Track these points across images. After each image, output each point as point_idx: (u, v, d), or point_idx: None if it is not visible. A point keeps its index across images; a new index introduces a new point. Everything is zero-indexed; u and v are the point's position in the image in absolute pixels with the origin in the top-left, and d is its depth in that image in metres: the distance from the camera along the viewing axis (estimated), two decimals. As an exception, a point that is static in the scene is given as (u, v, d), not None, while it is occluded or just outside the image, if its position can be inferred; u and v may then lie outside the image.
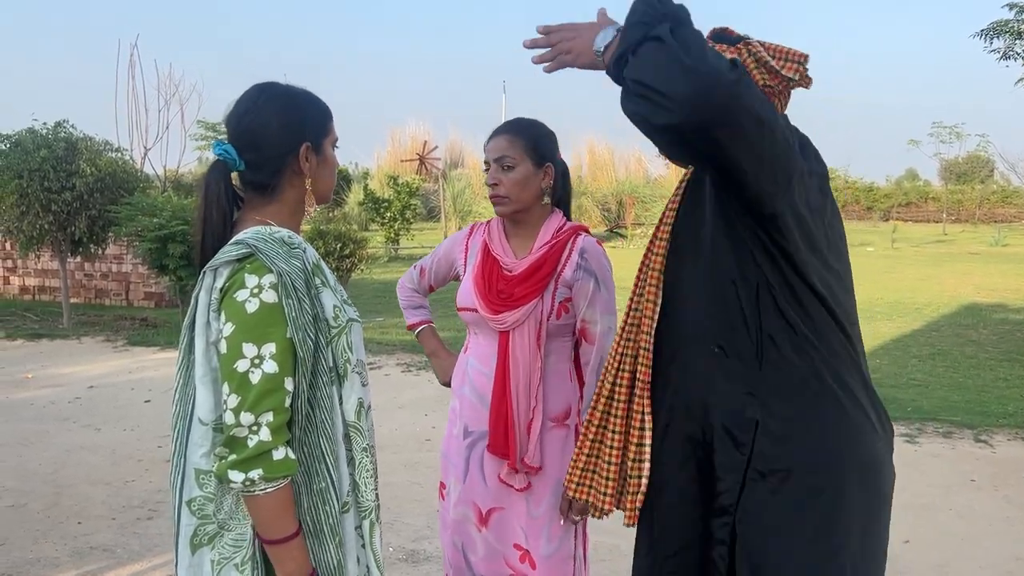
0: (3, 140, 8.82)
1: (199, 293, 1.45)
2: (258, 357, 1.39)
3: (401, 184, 18.96)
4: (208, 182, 1.55)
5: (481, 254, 2.25)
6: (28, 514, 3.92)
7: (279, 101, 1.56)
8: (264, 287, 1.41)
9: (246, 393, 1.38)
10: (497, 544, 2.21)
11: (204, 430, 1.43)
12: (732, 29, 1.70)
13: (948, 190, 34.10)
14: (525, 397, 2.13)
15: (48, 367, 7.31)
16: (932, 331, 9.31)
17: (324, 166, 1.60)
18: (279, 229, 1.50)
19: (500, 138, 2.21)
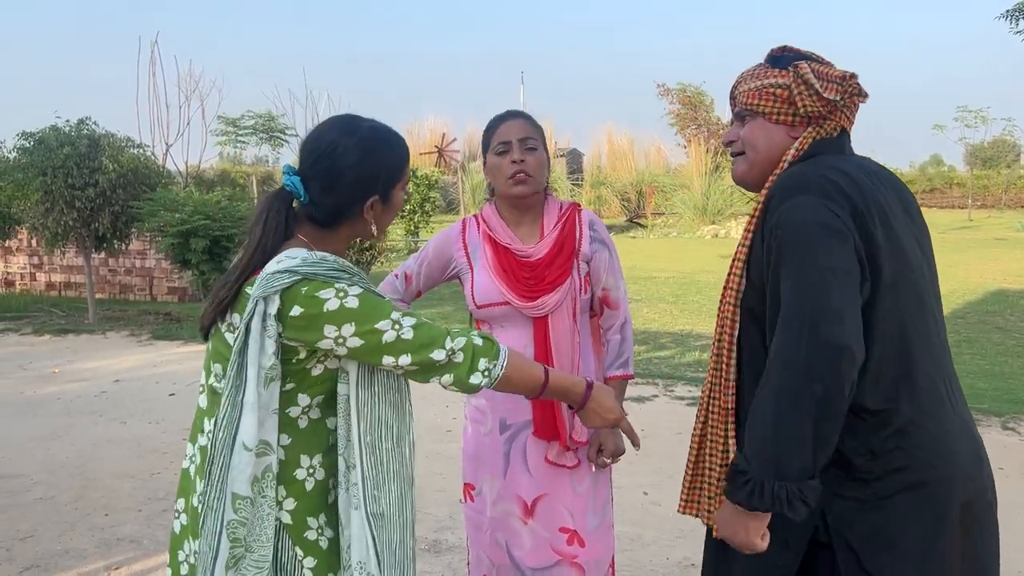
0: (27, 138, 8.92)
1: (250, 320, 1.43)
2: (395, 323, 1.46)
3: (420, 177, 19.00)
4: (268, 207, 1.57)
5: (490, 247, 2.23)
6: (56, 506, 3.98)
7: (358, 150, 1.55)
8: (346, 288, 1.45)
9: (412, 346, 1.46)
10: (544, 532, 2.21)
11: (247, 456, 1.43)
12: (791, 47, 1.74)
13: (973, 175, 33.62)
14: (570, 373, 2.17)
15: (74, 362, 7.41)
16: (958, 318, 9.19)
17: (388, 212, 1.61)
18: (324, 254, 1.50)
19: (519, 120, 2.23)
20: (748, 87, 1.72)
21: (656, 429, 5.16)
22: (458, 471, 2.50)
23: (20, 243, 12.24)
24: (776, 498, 1.41)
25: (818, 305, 1.43)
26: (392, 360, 1.47)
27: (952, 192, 35.07)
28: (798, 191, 1.54)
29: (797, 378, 1.40)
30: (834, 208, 1.50)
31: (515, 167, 2.17)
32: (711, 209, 23.49)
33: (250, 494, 1.43)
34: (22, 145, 8.91)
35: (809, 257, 1.47)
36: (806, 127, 1.67)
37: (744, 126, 1.74)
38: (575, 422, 2.17)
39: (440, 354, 1.49)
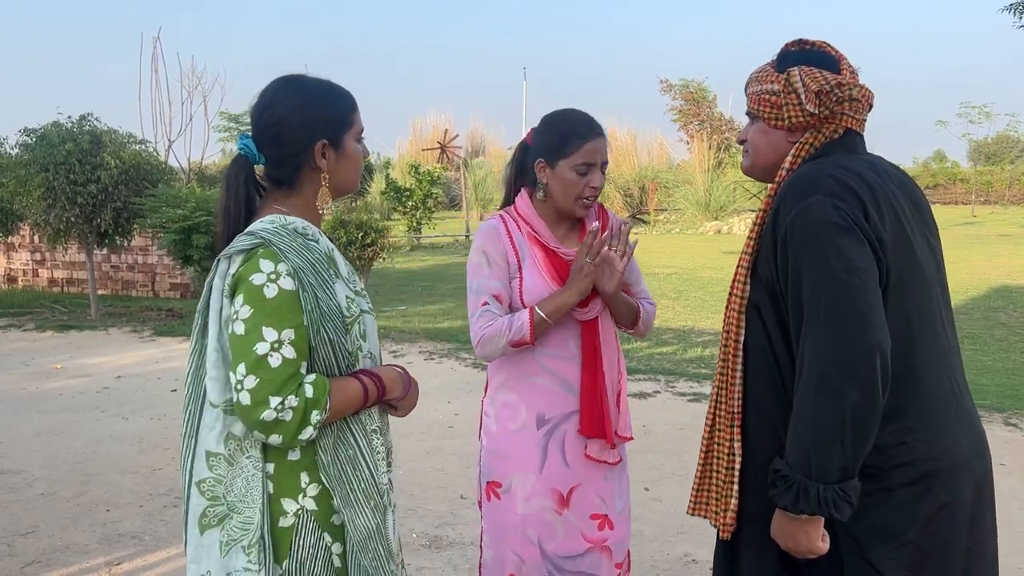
0: (29, 134, 8.92)
1: (213, 279, 1.48)
2: (278, 342, 1.41)
3: (423, 173, 18.98)
4: (228, 175, 1.59)
5: (539, 249, 2.22)
6: (58, 502, 3.98)
7: (297, 96, 1.55)
8: (281, 274, 1.43)
9: (267, 375, 1.39)
10: (577, 521, 2.23)
11: (215, 412, 1.46)
12: (807, 42, 1.74)
13: (977, 171, 33.54)
14: (612, 375, 2.22)
15: (76, 358, 7.42)
16: (961, 314, 9.17)
17: (344, 160, 1.59)
18: (294, 219, 1.52)
19: (604, 140, 2.21)
20: (752, 91, 1.74)
21: (657, 425, 5.16)
22: (459, 468, 2.49)
23: (23, 239, 12.25)
24: (822, 500, 1.44)
25: (845, 307, 1.45)
26: (241, 374, 1.40)
27: (955, 188, 35.02)
28: (809, 192, 1.55)
29: (832, 382, 1.42)
30: (846, 208, 1.51)
31: (594, 192, 2.17)
32: (714, 205, 23.46)
33: (223, 450, 1.45)
34: (24, 141, 8.91)
35: (828, 259, 1.48)
36: (803, 132, 1.68)
37: (752, 125, 1.77)
38: (619, 418, 2.23)
39: (274, 402, 1.39)
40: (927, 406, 1.56)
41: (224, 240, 1.56)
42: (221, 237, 1.57)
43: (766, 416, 1.66)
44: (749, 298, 1.68)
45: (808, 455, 1.44)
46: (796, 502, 1.45)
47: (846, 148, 1.67)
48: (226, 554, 1.43)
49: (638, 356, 7.15)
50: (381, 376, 1.59)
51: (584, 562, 2.24)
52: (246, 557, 1.43)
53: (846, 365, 1.42)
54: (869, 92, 1.68)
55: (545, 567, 2.25)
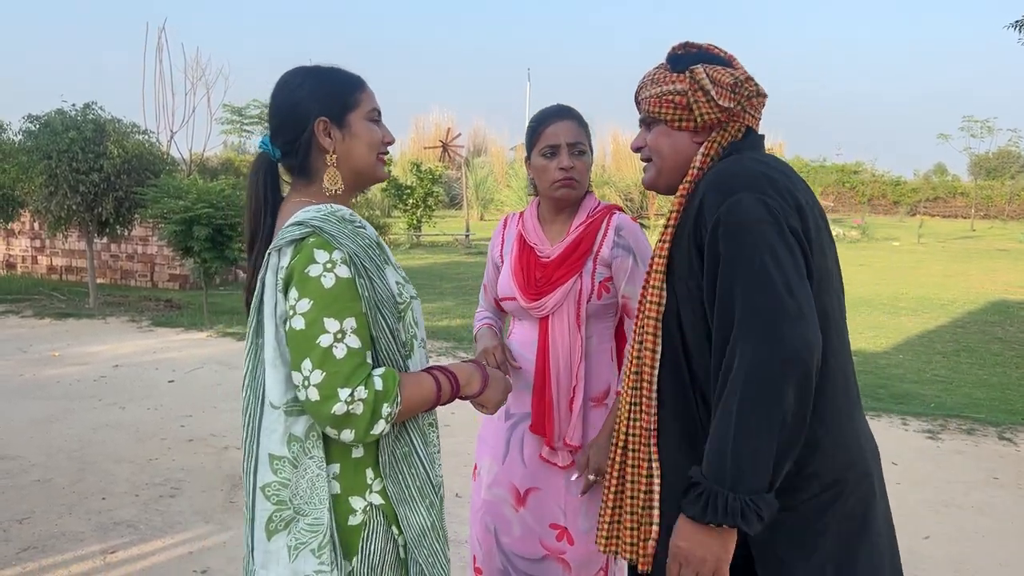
0: (33, 121, 8.93)
1: (265, 275, 1.43)
2: (340, 332, 1.37)
3: (424, 171, 18.99)
4: (250, 174, 1.58)
5: (517, 244, 2.27)
6: (54, 489, 3.99)
7: (297, 80, 1.54)
8: (336, 262, 1.39)
9: (334, 368, 1.35)
10: (534, 524, 2.22)
11: (276, 414, 1.41)
12: (692, 44, 1.70)
13: (977, 185, 33.59)
14: (566, 378, 2.15)
15: (74, 346, 7.42)
16: (958, 327, 9.20)
17: (353, 140, 1.54)
18: (339, 207, 1.49)
19: (570, 122, 2.20)
20: (649, 94, 1.68)
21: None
22: (455, 467, 2.51)
23: (23, 226, 12.25)
24: (731, 511, 1.35)
25: (777, 305, 1.38)
26: (307, 372, 1.36)
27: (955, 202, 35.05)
28: (735, 188, 1.49)
29: (767, 383, 1.35)
30: (775, 205, 1.46)
31: (563, 173, 2.16)
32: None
33: (287, 453, 1.40)
34: (28, 128, 8.92)
35: (762, 255, 1.42)
36: (709, 132, 1.63)
37: (650, 132, 1.70)
38: (571, 426, 2.15)
39: (344, 394, 1.35)
40: (839, 408, 1.52)
41: (249, 238, 1.55)
42: (247, 235, 1.56)
43: (682, 431, 1.58)
44: (667, 303, 1.61)
45: (726, 461, 1.36)
46: (704, 512, 1.37)
47: (753, 146, 1.63)
48: (295, 558, 1.40)
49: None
50: (455, 372, 1.57)
51: (540, 568, 2.23)
52: (316, 559, 1.40)
53: (784, 365, 1.35)
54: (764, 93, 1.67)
55: (499, 559, 2.25)
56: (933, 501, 4.05)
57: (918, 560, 3.38)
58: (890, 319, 9.66)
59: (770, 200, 1.46)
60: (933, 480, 4.36)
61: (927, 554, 3.45)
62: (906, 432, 5.23)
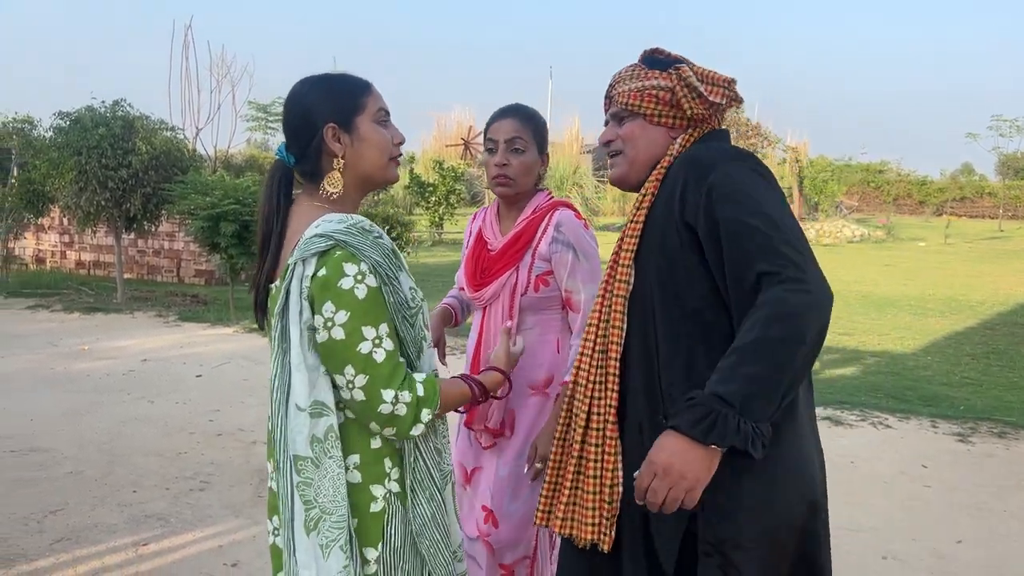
0: (63, 118, 9.05)
1: (290, 283, 1.47)
2: (378, 337, 1.46)
3: (446, 169, 19.03)
4: (266, 178, 1.64)
5: (475, 238, 2.36)
6: (85, 481, 4.04)
7: (306, 89, 1.59)
8: (365, 273, 1.45)
9: (376, 371, 1.45)
10: (475, 503, 2.30)
11: (302, 416, 1.46)
12: (662, 49, 1.74)
13: (1005, 185, 33.12)
14: None
15: (103, 340, 7.51)
16: (987, 329, 9.08)
17: (362, 144, 1.58)
18: (360, 219, 1.52)
19: (511, 120, 2.26)
20: (628, 88, 1.71)
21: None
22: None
23: (52, 221, 12.41)
24: (742, 432, 1.35)
25: (802, 251, 1.43)
26: (350, 376, 1.45)
27: (983, 202, 34.58)
28: (720, 161, 1.54)
29: (789, 322, 1.37)
30: (764, 171, 1.54)
31: (496, 169, 2.24)
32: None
33: (310, 454, 1.46)
34: (58, 125, 9.04)
35: (766, 203, 1.47)
36: (685, 129, 1.69)
37: (622, 126, 1.73)
38: (490, 410, 2.22)
39: (388, 395, 1.46)
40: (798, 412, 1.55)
41: (263, 243, 1.60)
42: (259, 237, 1.61)
43: (646, 407, 1.61)
44: (634, 283, 1.64)
45: (740, 385, 1.37)
46: (709, 431, 1.35)
47: (720, 138, 1.69)
48: (328, 556, 1.45)
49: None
50: (484, 384, 1.70)
51: (474, 548, 2.30)
52: (345, 556, 1.45)
53: (812, 307, 1.38)
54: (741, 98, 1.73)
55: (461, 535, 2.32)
56: (965, 504, 4.00)
57: (951, 564, 3.34)
58: (917, 320, 9.55)
59: (759, 167, 1.54)
60: (964, 483, 4.31)
61: (960, 558, 3.41)
62: (936, 435, 5.17)
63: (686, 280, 1.55)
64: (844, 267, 15.13)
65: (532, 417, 2.26)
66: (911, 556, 3.40)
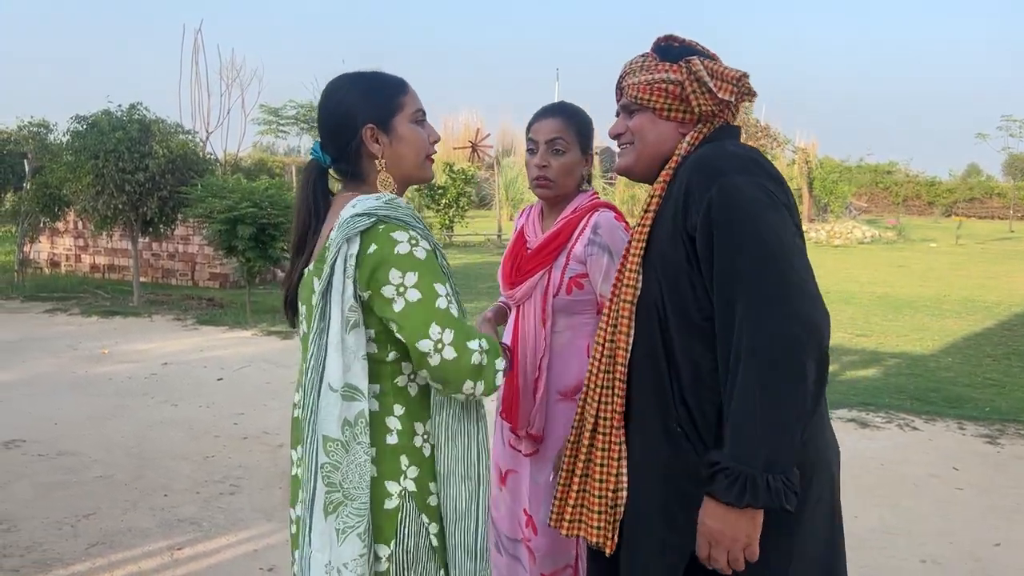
0: (80, 122, 9.07)
1: (335, 261, 1.45)
2: (449, 294, 1.47)
3: (456, 171, 19.02)
4: (302, 179, 1.64)
5: (517, 235, 2.33)
6: (115, 485, 4.04)
7: (343, 87, 1.59)
8: (418, 238, 1.47)
9: (459, 325, 1.44)
10: (512, 505, 2.27)
11: (334, 397, 1.45)
12: (676, 37, 1.69)
13: (1016, 186, 32.99)
14: (532, 368, 2.18)
15: (122, 343, 7.52)
16: (1005, 330, 9.03)
17: (400, 144, 1.58)
18: (395, 197, 1.52)
19: (553, 120, 2.21)
20: (637, 80, 1.66)
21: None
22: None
23: (67, 225, 12.44)
24: (773, 491, 1.35)
25: (789, 281, 1.39)
26: (437, 335, 1.42)
27: (991, 203, 34.47)
28: (725, 170, 1.49)
29: (788, 358, 1.34)
30: (766, 183, 1.47)
31: (536, 171, 2.20)
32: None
33: (340, 436, 1.44)
34: (75, 128, 9.06)
35: (762, 232, 1.42)
36: (696, 123, 1.64)
37: (632, 118, 1.69)
38: (534, 417, 2.17)
39: (475, 344, 1.45)
40: None
41: (298, 241, 1.61)
42: (295, 238, 1.63)
43: (656, 415, 1.59)
44: (642, 287, 1.62)
45: (756, 441, 1.35)
46: (742, 496, 1.35)
47: (731, 136, 1.63)
48: (343, 541, 1.43)
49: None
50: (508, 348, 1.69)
51: (515, 549, 2.28)
52: (362, 544, 1.44)
53: (802, 339, 1.35)
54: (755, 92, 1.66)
55: (493, 532, 2.31)
56: (1000, 507, 3.97)
57: (991, 567, 3.31)
58: (935, 321, 9.50)
59: (763, 180, 1.48)
60: (997, 486, 4.27)
61: (999, 561, 3.38)
62: (964, 436, 5.13)
63: (690, 290, 1.53)
64: (857, 268, 15.08)
65: (562, 426, 2.20)
66: (950, 560, 3.37)
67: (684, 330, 1.54)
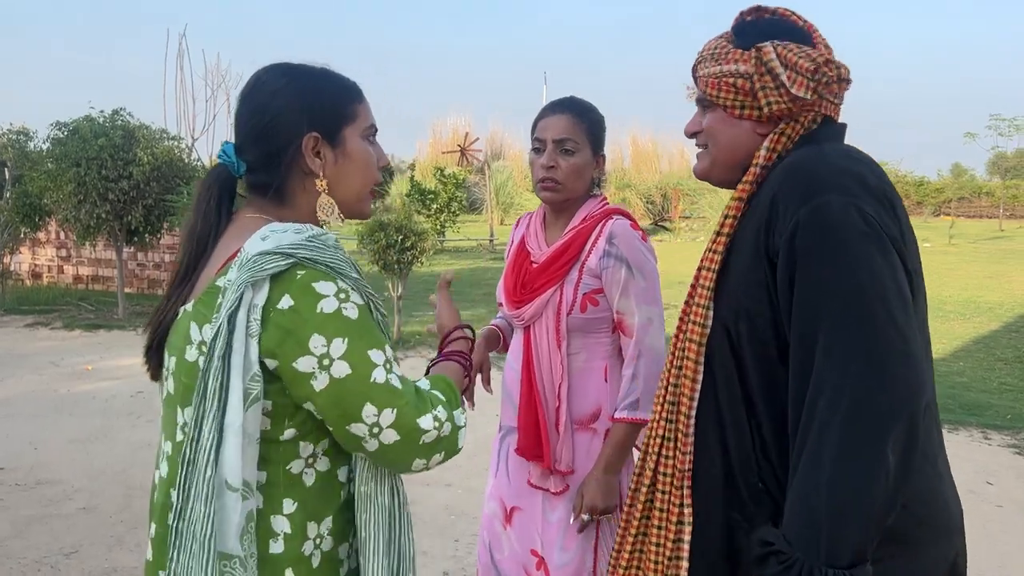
0: (61, 128, 8.76)
1: (235, 313, 1.09)
2: (387, 361, 1.16)
3: (448, 176, 18.80)
4: (201, 187, 1.29)
5: (517, 246, 2.12)
6: (100, 518, 3.75)
7: (279, 83, 1.25)
8: (348, 290, 1.14)
9: (402, 400, 1.15)
10: (518, 546, 2.07)
11: (233, 499, 1.09)
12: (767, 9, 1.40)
13: (1004, 185, 33.04)
14: (551, 397, 1.98)
15: (107, 358, 7.22)
16: (1012, 332, 8.88)
17: (347, 162, 1.26)
18: (321, 231, 1.18)
19: (563, 117, 1.99)
20: (707, 72, 1.39)
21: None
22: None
23: (49, 235, 12.10)
24: None
25: (879, 339, 1.12)
26: (372, 418, 1.12)
27: (980, 202, 34.56)
28: (819, 189, 1.21)
29: (864, 438, 1.10)
30: (870, 208, 1.19)
31: (543, 172, 1.99)
32: (739, 214, 23.19)
33: (240, 551, 1.10)
34: (56, 135, 8.75)
35: (855, 275, 1.16)
36: (777, 122, 1.35)
37: (706, 115, 1.43)
38: (561, 450, 1.97)
39: (427, 422, 1.16)
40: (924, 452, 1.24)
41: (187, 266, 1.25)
42: (183, 261, 1.25)
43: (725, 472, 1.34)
44: (712, 324, 1.35)
45: (818, 530, 1.12)
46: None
47: (832, 137, 1.36)
48: None
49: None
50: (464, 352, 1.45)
51: None
52: None
53: (885, 417, 1.10)
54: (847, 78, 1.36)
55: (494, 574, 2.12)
56: (1043, 526, 3.76)
57: (1045, 596, 3.10)
58: (940, 324, 9.33)
59: (864, 204, 1.19)
60: (1035, 502, 4.07)
61: (1053, 589, 3.17)
62: (991, 447, 4.93)
63: (771, 327, 1.27)
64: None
65: (580, 458, 1.99)
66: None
67: (765, 371, 1.29)
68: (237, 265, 1.12)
